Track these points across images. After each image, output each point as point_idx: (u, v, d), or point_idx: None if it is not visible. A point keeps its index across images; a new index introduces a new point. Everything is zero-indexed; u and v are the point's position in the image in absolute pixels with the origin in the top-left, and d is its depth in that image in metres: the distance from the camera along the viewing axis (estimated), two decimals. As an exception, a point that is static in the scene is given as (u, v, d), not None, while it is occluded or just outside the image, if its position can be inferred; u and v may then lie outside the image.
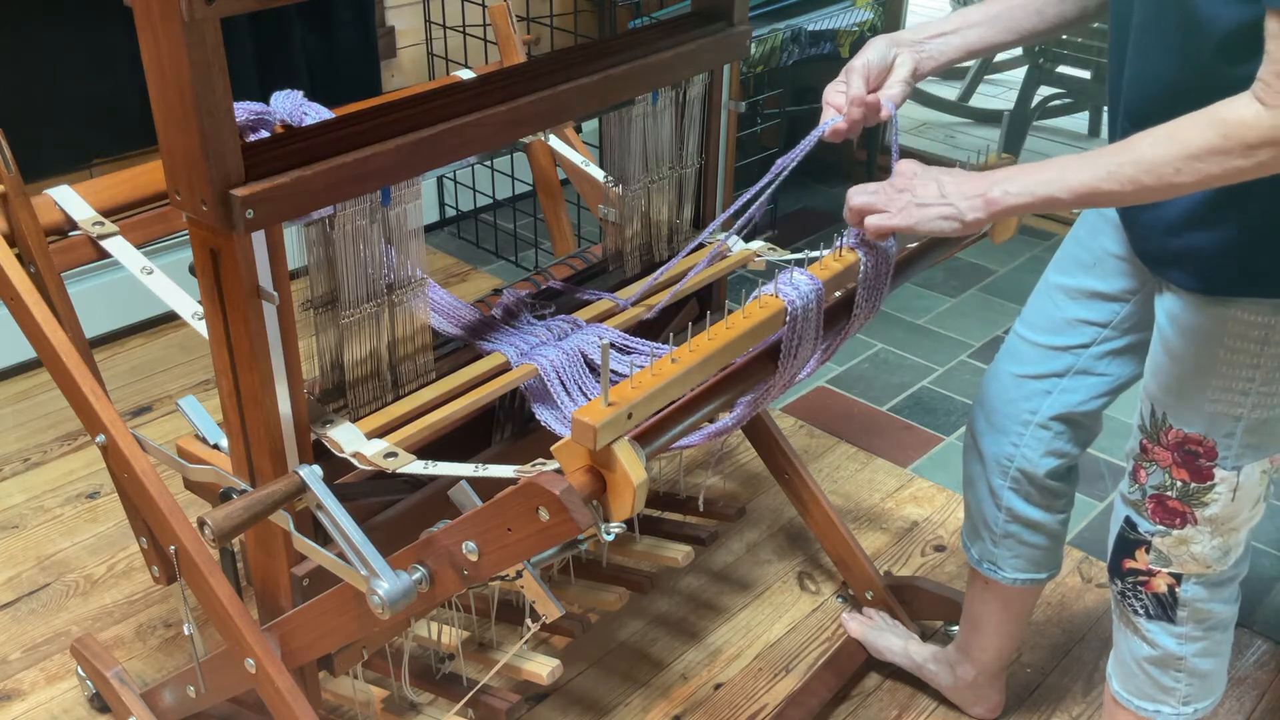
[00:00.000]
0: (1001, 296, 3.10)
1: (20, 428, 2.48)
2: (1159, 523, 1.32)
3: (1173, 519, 1.31)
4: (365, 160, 1.20)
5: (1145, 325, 1.42)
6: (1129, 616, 1.40)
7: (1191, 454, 1.27)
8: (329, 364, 1.32)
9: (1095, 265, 1.43)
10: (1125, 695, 1.45)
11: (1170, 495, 1.30)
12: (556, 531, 1.07)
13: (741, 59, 2.04)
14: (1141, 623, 1.39)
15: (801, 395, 2.66)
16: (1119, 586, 1.40)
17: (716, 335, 1.17)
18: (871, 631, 1.90)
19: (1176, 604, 1.36)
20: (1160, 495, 1.31)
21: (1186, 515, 1.30)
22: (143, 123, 1.24)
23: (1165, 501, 1.31)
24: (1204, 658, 1.40)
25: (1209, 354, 1.22)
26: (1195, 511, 1.29)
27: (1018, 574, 1.61)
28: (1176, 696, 1.42)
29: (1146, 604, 1.37)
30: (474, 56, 3.20)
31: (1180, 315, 1.24)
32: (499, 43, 1.98)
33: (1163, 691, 1.42)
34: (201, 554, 1.35)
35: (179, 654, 1.92)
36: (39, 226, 1.40)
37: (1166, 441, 1.28)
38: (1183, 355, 1.24)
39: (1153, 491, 1.31)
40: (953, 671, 1.79)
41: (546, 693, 1.85)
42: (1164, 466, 1.29)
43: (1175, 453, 1.28)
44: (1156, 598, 1.36)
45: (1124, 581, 1.39)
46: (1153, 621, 1.38)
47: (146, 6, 1.04)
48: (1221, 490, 1.27)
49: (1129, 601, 1.39)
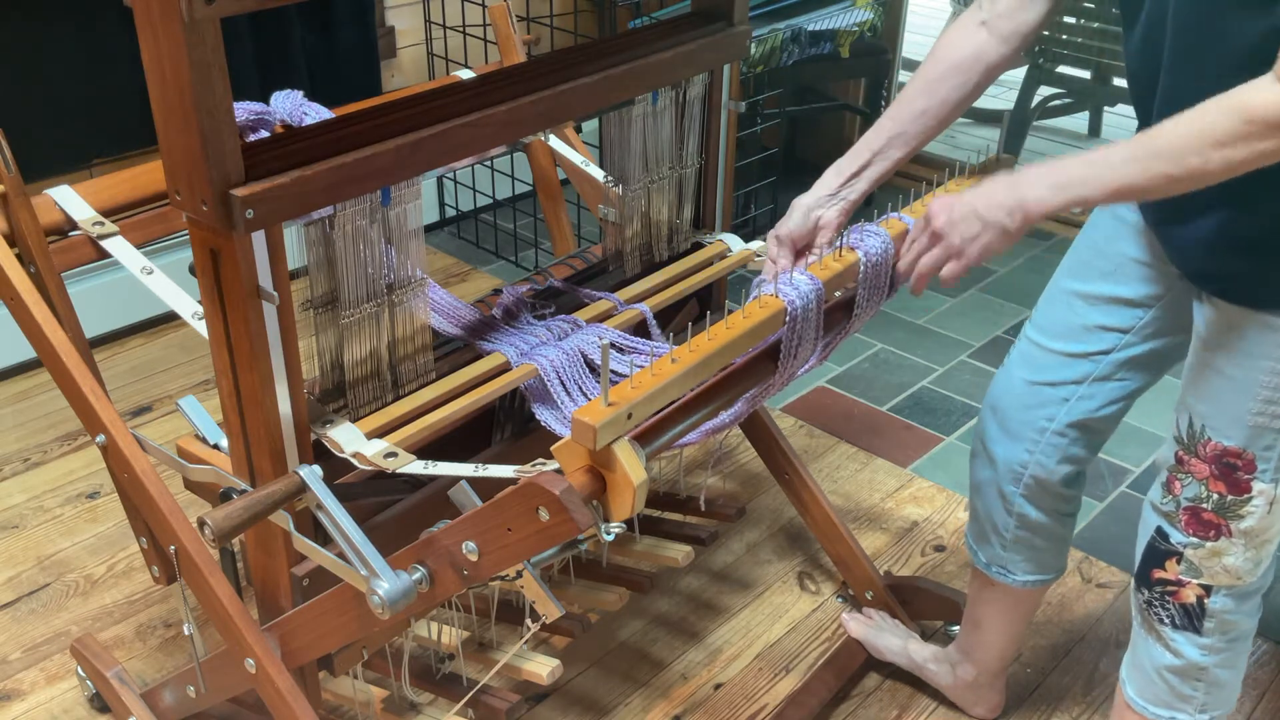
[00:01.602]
0: (1001, 296, 3.10)
1: (20, 428, 2.48)
2: (1193, 534, 1.30)
3: (1207, 531, 1.29)
4: (365, 160, 1.20)
5: (1169, 330, 1.40)
6: (1154, 625, 1.39)
7: (1230, 467, 1.25)
8: (329, 364, 1.32)
9: (1116, 271, 1.41)
10: (1141, 702, 1.44)
11: (1206, 508, 1.28)
12: (556, 531, 1.07)
13: (741, 59, 2.04)
14: (1167, 632, 1.37)
15: (801, 395, 2.66)
16: (1145, 595, 1.38)
17: (716, 335, 1.17)
18: (871, 631, 1.90)
19: (1205, 615, 1.34)
20: (1195, 508, 1.29)
21: (1222, 528, 1.28)
22: (143, 123, 1.24)
23: (1200, 514, 1.29)
24: (1224, 668, 1.38)
25: (1253, 367, 1.20)
26: (1231, 524, 1.27)
27: (1027, 576, 1.61)
28: (1194, 705, 1.40)
29: (1174, 614, 1.35)
30: (474, 56, 3.20)
31: (1222, 327, 1.22)
32: (499, 43, 1.98)
33: (1181, 700, 1.41)
34: (201, 554, 1.35)
35: (179, 654, 1.92)
36: (39, 226, 1.40)
37: (1205, 454, 1.26)
38: (1224, 368, 1.22)
39: (1188, 504, 1.29)
40: (953, 671, 1.79)
41: (546, 693, 1.85)
42: (1200, 479, 1.27)
43: (1213, 465, 1.26)
44: (1184, 608, 1.34)
45: (1151, 591, 1.37)
46: (1178, 631, 1.36)
47: (146, 6, 1.04)
48: (1259, 503, 1.25)
49: (1155, 610, 1.37)
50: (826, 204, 1.42)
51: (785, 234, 1.43)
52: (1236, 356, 1.21)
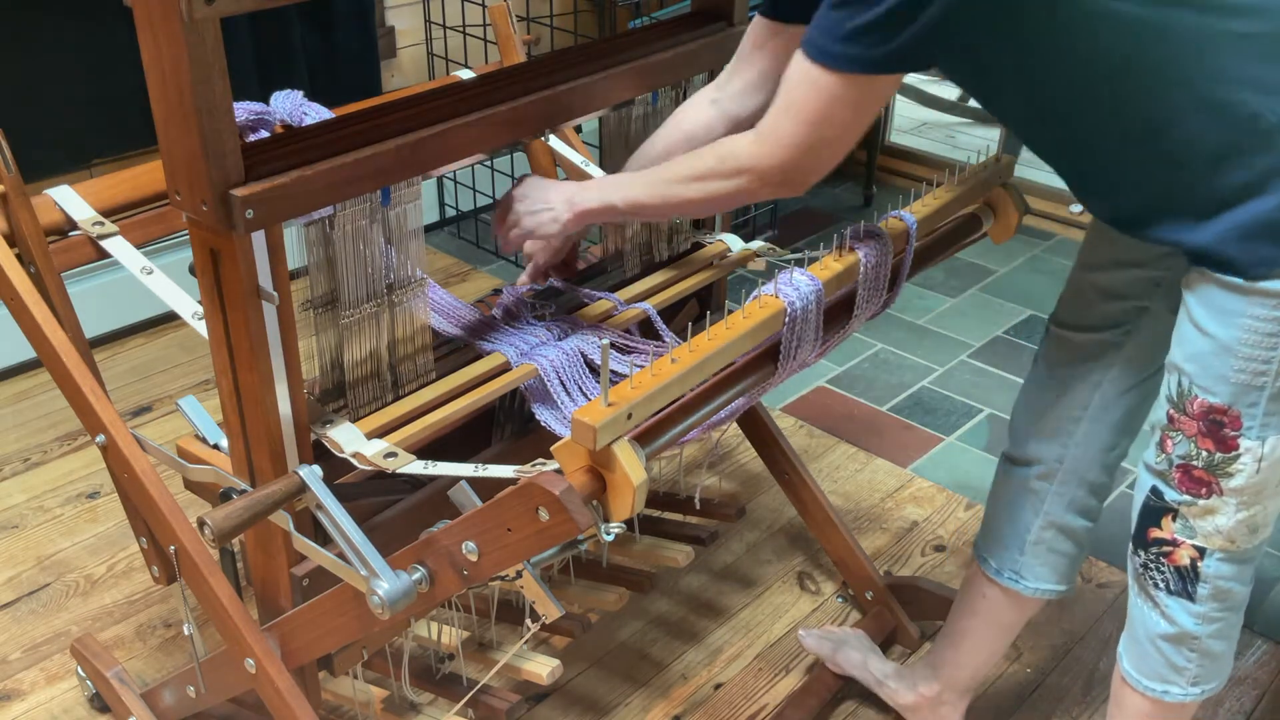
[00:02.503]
0: (1001, 296, 3.10)
1: (20, 428, 2.48)
2: (1186, 492, 1.32)
3: (1199, 489, 1.31)
4: (365, 160, 1.20)
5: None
6: (1149, 590, 1.40)
7: (1216, 424, 1.27)
8: (329, 364, 1.32)
9: (1119, 238, 1.43)
10: (1135, 675, 1.45)
11: (1197, 465, 1.30)
12: (556, 531, 1.07)
13: (741, 59, 2.03)
14: (1161, 597, 1.39)
15: (801, 395, 2.66)
16: (1142, 558, 1.39)
17: (716, 335, 1.17)
18: (829, 645, 1.86)
19: (1198, 579, 1.36)
20: (1187, 465, 1.31)
21: (1213, 485, 1.30)
22: (143, 123, 1.24)
23: (1191, 471, 1.31)
24: (1217, 639, 1.40)
25: (1230, 324, 1.22)
26: (1221, 482, 1.30)
27: (1039, 584, 1.60)
28: (1187, 676, 1.42)
29: (1168, 577, 1.37)
30: (474, 56, 3.20)
31: (1199, 284, 1.25)
32: (499, 43, 1.98)
33: (1174, 671, 1.42)
34: (201, 554, 1.35)
35: (179, 654, 1.92)
36: (39, 226, 1.40)
37: (1192, 411, 1.28)
38: (1205, 326, 1.25)
39: (1180, 461, 1.32)
40: (915, 689, 1.75)
41: (546, 693, 1.85)
42: (1190, 436, 1.30)
43: (1201, 422, 1.28)
44: (1178, 571, 1.36)
45: (1147, 552, 1.38)
46: (1172, 597, 1.38)
47: (146, 6, 1.04)
48: (1247, 461, 1.27)
49: (1150, 574, 1.39)
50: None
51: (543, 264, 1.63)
52: (1215, 314, 1.23)
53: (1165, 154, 1.19)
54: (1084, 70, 1.18)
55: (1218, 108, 1.15)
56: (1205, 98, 1.15)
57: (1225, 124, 1.15)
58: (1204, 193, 1.19)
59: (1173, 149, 1.18)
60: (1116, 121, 1.20)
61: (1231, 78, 1.14)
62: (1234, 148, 1.16)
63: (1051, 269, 3.19)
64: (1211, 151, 1.17)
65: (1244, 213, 1.17)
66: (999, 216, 1.57)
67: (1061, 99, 1.22)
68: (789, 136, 1.24)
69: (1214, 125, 1.15)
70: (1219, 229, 1.19)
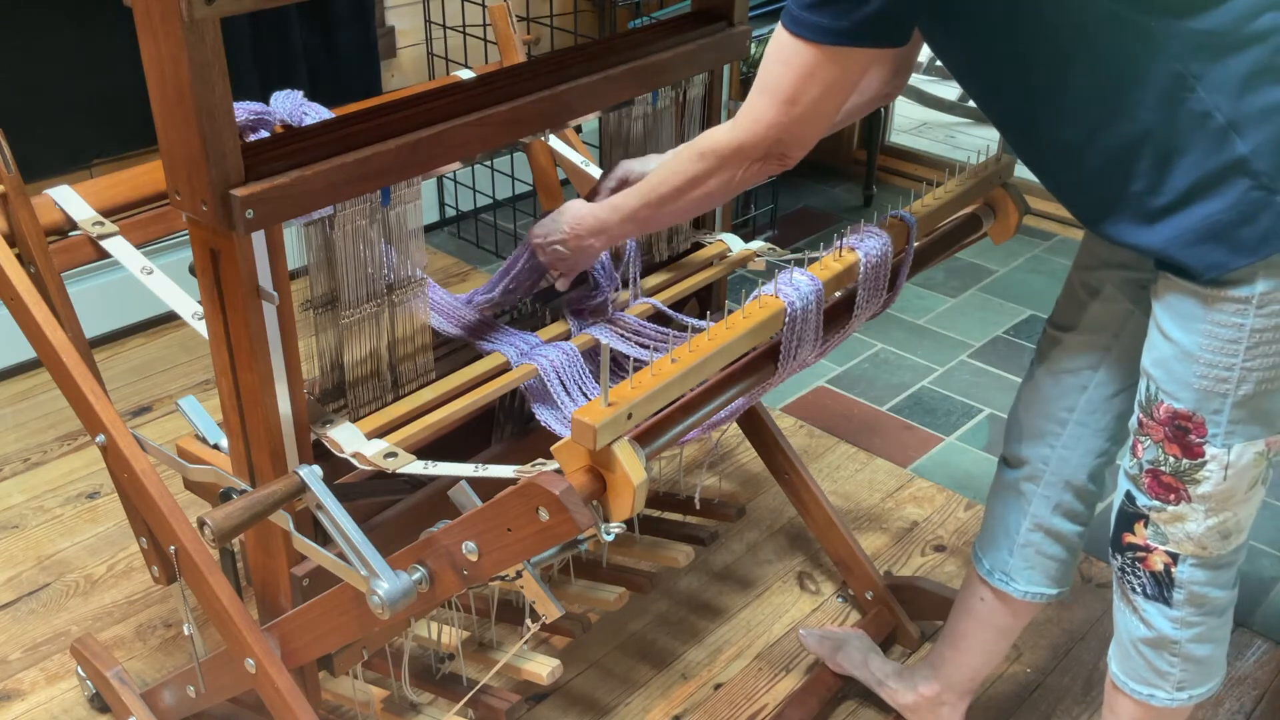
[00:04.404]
0: (1001, 296, 3.10)
1: (20, 428, 2.48)
2: (1154, 497, 1.33)
3: (1167, 495, 1.32)
4: (365, 160, 1.20)
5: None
6: (1128, 595, 1.41)
7: (1181, 429, 1.28)
8: (329, 364, 1.32)
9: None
10: (1122, 678, 1.46)
11: (1164, 470, 1.31)
12: (556, 531, 1.07)
13: (741, 59, 2.04)
14: (1139, 601, 1.39)
15: (801, 395, 2.66)
16: (1119, 562, 1.40)
17: (716, 335, 1.17)
18: (829, 645, 1.86)
19: (1173, 585, 1.36)
20: (1155, 470, 1.32)
21: (1180, 491, 1.31)
22: (143, 123, 1.24)
23: (1160, 477, 1.32)
24: (1199, 643, 1.39)
25: (1192, 330, 1.23)
26: (1189, 489, 1.30)
27: (1029, 586, 1.59)
28: (1171, 681, 1.42)
29: (1144, 582, 1.38)
30: (474, 56, 3.20)
31: (1164, 291, 1.25)
32: (499, 43, 1.98)
33: (1158, 675, 1.42)
34: (201, 554, 1.35)
35: (179, 654, 1.92)
36: (39, 226, 1.40)
37: (1158, 416, 1.29)
38: (1170, 332, 1.25)
39: (1149, 465, 1.32)
40: (915, 689, 1.75)
41: (546, 693, 1.85)
42: (1156, 441, 1.30)
43: (1166, 428, 1.29)
44: (1154, 576, 1.36)
45: (1124, 556, 1.39)
46: (1149, 602, 1.38)
47: (146, 6, 1.04)
48: (1213, 468, 1.28)
49: (1128, 578, 1.40)
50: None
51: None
52: (1177, 319, 1.24)
53: (1115, 149, 1.19)
54: (1033, 58, 1.19)
55: (1168, 104, 1.15)
56: (1157, 93, 1.15)
57: (1176, 121, 1.15)
58: (1154, 191, 1.19)
59: (1122, 144, 1.18)
60: (1071, 112, 1.20)
61: (1184, 74, 1.14)
62: (1184, 146, 1.15)
63: (1051, 269, 3.18)
64: (1162, 149, 1.17)
65: (1193, 215, 1.18)
66: (999, 216, 1.57)
67: (1013, 87, 1.22)
68: (764, 111, 1.23)
69: (1164, 122, 1.15)
70: (1169, 231, 1.20)
